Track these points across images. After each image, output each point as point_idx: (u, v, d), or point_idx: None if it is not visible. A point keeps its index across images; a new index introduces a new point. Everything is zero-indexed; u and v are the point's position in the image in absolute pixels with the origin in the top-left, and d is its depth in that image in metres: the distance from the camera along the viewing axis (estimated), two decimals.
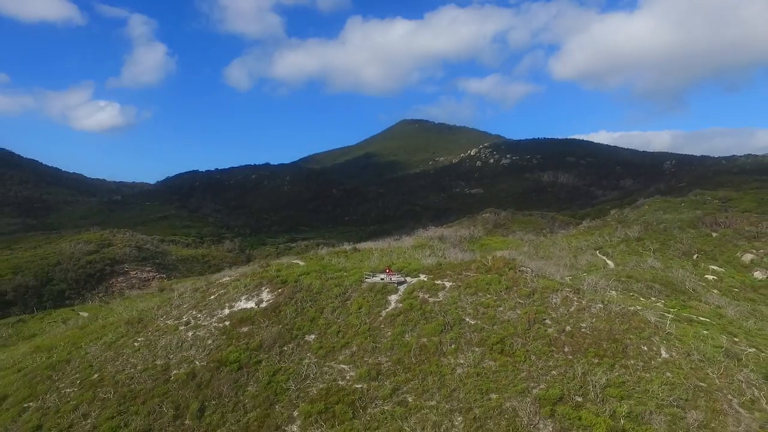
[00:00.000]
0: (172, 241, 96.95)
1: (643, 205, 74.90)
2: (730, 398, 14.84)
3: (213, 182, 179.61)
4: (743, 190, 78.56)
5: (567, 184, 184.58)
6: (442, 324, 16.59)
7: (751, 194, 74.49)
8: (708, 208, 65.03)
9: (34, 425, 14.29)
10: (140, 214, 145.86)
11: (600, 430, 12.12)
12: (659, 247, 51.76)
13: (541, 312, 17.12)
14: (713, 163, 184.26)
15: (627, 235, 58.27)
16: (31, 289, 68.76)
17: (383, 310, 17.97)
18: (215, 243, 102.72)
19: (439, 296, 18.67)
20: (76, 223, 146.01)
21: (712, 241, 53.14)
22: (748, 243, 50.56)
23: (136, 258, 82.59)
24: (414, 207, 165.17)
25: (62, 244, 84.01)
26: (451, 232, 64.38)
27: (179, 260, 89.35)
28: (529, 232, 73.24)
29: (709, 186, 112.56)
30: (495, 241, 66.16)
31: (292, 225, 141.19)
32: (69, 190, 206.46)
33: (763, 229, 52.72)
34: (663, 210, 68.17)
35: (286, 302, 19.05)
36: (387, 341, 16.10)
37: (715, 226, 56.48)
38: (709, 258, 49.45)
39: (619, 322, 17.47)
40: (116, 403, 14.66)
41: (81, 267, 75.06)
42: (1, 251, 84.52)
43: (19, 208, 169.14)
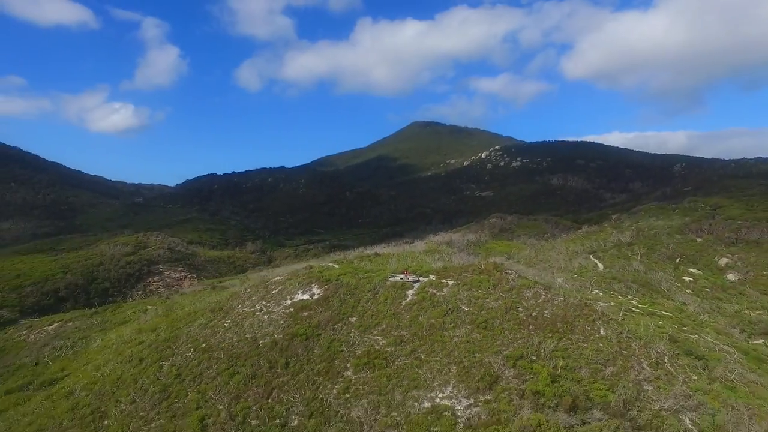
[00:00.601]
0: (199, 243, 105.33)
1: (639, 212, 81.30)
2: (642, 360, 21.98)
3: (231, 185, 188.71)
4: (736, 197, 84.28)
5: (576, 187, 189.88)
6: (444, 310, 24.00)
7: (743, 201, 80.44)
8: (697, 216, 71.21)
9: (175, 374, 22.00)
10: (163, 217, 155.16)
11: (543, 374, 19.39)
12: (646, 252, 58.62)
13: (516, 302, 24.46)
14: (722, 166, 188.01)
15: (620, 240, 65.20)
16: (80, 287, 77.36)
17: (403, 301, 25.43)
18: (238, 245, 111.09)
19: (443, 291, 26.07)
20: (103, 224, 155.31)
21: (695, 246, 59.70)
22: (726, 248, 57.14)
23: (169, 259, 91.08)
24: (425, 209, 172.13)
25: (101, 246, 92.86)
26: (459, 236, 71.63)
27: (207, 261, 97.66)
28: (532, 237, 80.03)
29: (714, 190, 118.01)
30: (500, 245, 73.17)
31: (308, 227, 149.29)
32: (91, 192, 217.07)
33: (741, 236, 59.14)
34: (656, 216, 74.54)
35: (332, 295, 26.62)
36: (406, 321, 23.55)
37: (699, 233, 62.97)
38: (690, 261, 56.16)
39: (572, 310, 24.67)
40: (226, 360, 22.31)
41: (121, 267, 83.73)
42: (46, 252, 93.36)
43: (47, 210, 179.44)
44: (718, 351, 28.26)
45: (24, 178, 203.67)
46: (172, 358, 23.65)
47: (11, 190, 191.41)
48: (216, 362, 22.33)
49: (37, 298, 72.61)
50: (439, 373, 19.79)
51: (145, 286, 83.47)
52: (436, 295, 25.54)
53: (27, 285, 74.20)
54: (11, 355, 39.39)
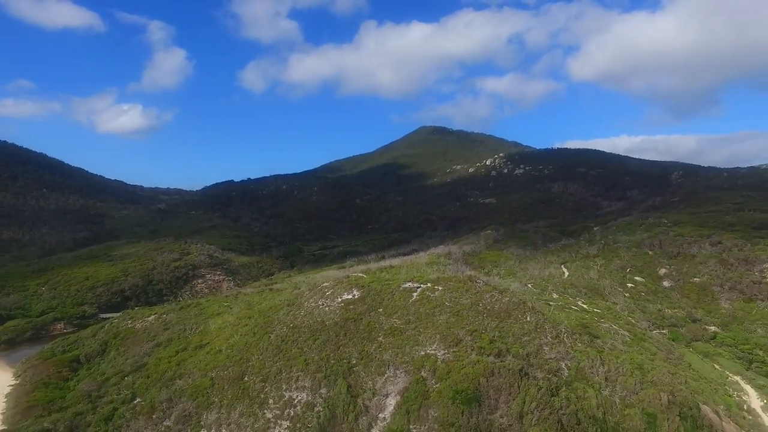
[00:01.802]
0: (230, 250, 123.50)
1: (612, 227, 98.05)
2: (547, 334, 39.44)
3: (248, 192, 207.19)
4: (701, 212, 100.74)
5: (575, 194, 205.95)
6: (435, 305, 41.68)
7: (702, 216, 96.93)
8: (656, 232, 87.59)
9: (280, 340, 39.84)
10: (188, 223, 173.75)
11: (486, 339, 36.95)
12: (605, 263, 75.98)
13: (477, 300, 42.13)
14: (715, 175, 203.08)
15: (588, 252, 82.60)
16: (140, 288, 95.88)
17: (410, 299, 43.14)
18: (264, 251, 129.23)
19: (435, 293, 43.75)
20: (133, 230, 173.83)
21: (644, 259, 76.70)
22: (668, 260, 74.15)
23: (209, 264, 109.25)
24: (431, 216, 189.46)
25: (150, 252, 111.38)
26: (457, 248, 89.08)
27: (240, 266, 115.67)
28: (521, 247, 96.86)
29: (697, 201, 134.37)
30: (491, 255, 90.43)
31: (322, 233, 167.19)
32: (113, 197, 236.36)
33: (682, 250, 76.02)
34: (623, 232, 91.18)
35: (366, 295, 44.38)
36: (412, 311, 41.28)
37: (651, 247, 79.87)
38: (638, 271, 73.27)
39: (512, 306, 42.21)
40: (309, 333, 40.13)
41: (171, 271, 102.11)
42: (101, 258, 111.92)
43: (77, 215, 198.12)
44: (612, 333, 45.81)
45: (54, 183, 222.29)
46: (274, 332, 41.52)
47: (44, 196, 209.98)
48: (302, 334, 40.17)
49: (108, 297, 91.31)
50: (429, 338, 37.50)
51: (191, 287, 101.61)
52: (430, 296, 43.27)
53: (99, 286, 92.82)
54: (132, 337, 57.48)
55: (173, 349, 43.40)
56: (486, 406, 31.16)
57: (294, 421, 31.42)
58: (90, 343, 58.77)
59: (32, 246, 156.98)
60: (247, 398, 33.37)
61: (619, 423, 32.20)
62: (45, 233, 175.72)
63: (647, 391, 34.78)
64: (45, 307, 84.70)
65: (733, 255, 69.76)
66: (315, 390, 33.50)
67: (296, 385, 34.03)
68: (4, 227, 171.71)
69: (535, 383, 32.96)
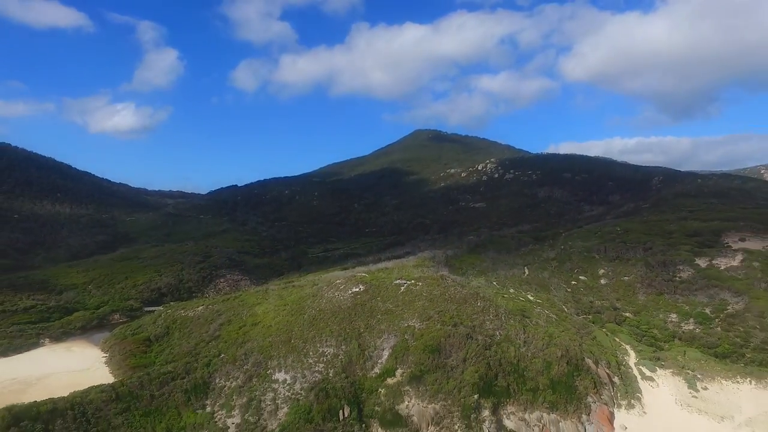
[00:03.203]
0: (244, 252, 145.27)
1: (573, 234, 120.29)
2: (490, 314, 61.63)
3: (252, 197, 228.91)
4: (647, 221, 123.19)
5: (559, 199, 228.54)
6: (416, 295, 64.03)
7: (650, 224, 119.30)
8: (606, 238, 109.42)
9: (312, 318, 62.04)
10: (199, 227, 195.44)
11: (447, 316, 59.17)
12: (558, 265, 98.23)
13: (444, 291, 64.56)
14: (691, 181, 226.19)
15: (548, 256, 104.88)
16: (173, 285, 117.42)
17: (399, 291, 65.47)
18: (273, 253, 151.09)
19: (417, 287, 66.08)
20: (148, 233, 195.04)
21: (591, 261, 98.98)
22: (608, 263, 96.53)
23: (229, 265, 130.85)
24: (424, 220, 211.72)
25: (175, 255, 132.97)
26: (441, 252, 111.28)
27: (255, 267, 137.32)
28: (497, 251, 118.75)
29: (663, 207, 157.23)
30: (471, 258, 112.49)
31: (324, 237, 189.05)
32: (122, 200, 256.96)
33: (620, 254, 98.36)
34: (581, 239, 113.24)
35: (368, 288, 66.62)
36: (400, 299, 63.63)
37: (598, 252, 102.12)
38: (583, 271, 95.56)
39: (468, 295, 64.43)
40: (330, 313, 62.35)
41: (198, 271, 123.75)
42: (132, 259, 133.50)
43: (92, 219, 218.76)
44: (542, 315, 68.20)
45: (66, 188, 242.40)
46: (306, 313, 63.65)
47: (59, 201, 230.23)
48: (326, 314, 62.27)
49: (148, 294, 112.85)
50: (410, 315, 59.77)
51: (215, 285, 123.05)
52: (413, 289, 65.52)
53: (139, 284, 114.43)
54: (188, 322, 79.24)
55: (236, 326, 65.39)
56: (443, 355, 53.40)
57: (326, 363, 53.54)
58: (153, 327, 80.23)
59: (57, 249, 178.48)
60: (295, 352, 55.45)
61: (527, 366, 54.50)
62: (65, 237, 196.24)
63: (550, 349, 57.13)
64: (99, 301, 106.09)
65: (656, 258, 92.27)
66: (338, 347, 55.67)
67: (326, 343, 56.16)
68: (26, 231, 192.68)
69: (476, 342, 55.26)
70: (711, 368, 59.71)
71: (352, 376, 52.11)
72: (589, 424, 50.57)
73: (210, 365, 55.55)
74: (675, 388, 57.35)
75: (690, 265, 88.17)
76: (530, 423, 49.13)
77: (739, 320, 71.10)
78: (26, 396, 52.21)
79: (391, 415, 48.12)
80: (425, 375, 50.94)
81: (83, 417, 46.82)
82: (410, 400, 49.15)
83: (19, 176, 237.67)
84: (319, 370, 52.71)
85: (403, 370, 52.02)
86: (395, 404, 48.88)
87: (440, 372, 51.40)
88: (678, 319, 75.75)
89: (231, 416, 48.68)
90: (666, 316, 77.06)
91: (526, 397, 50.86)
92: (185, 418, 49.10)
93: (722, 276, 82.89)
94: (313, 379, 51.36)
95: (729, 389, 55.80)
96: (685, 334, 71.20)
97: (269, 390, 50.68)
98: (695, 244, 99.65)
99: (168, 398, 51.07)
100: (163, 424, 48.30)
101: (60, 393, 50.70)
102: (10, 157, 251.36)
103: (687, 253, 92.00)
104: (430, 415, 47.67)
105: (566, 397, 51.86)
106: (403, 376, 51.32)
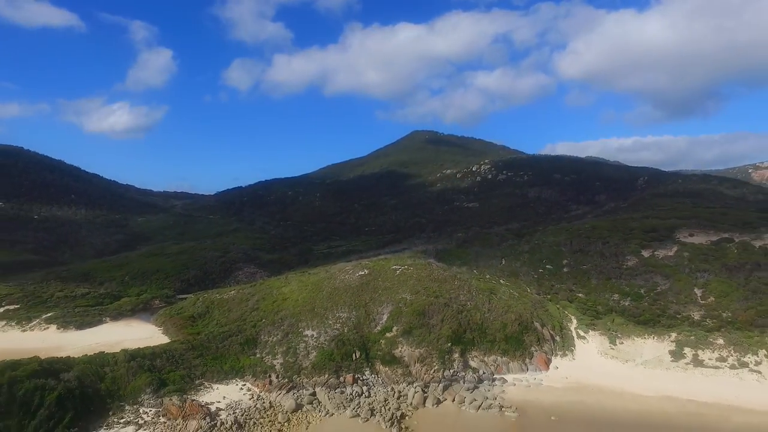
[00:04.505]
0: (257, 249, 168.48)
1: (548, 230, 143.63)
2: (465, 291, 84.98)
3: (257, 198, 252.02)
4: (615, 220, 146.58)
5: (548, 199, 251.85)
6: (408, 276, 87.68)
7: (617, 222, 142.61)
8: (573, 234, 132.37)
9: (329, 292, 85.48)
10: (210, 227, 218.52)
11: (432, 290, 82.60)
12: (529, 257, 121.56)
13: (430, 273, 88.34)
14: (672, 181, 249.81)
15: (522, 249, 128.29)
16: (199, 277, 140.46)
17: (395, 273, 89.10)
18: (282, 250, 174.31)
19: (409, 271, 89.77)
20: (163, 233, 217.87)
21: (558, 253, 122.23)
22: (571, 255, 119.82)
23: (245, 259, 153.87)
24: (421, 220, 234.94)
25: (196, 251, 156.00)
26: (432, 247, 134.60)
27: (268, 261, 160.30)
28: (481, 246, 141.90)
29: (640, 207, 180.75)
30: (458, 252, 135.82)
31: (327, 235, 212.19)
32: (131, 201, 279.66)
33: (582, 248, 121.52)
34: (552, 235, 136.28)
35: (371, 272, 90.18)
36: (396, 279, 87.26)
37: (564, 246, 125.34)
38: (550, 262, 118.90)
39: (448, 276, 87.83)
40: (342, 290, 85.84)
41: (219, 265, 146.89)
42: (159, 255, 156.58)
43: (106, 220, 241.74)
44: (506, 293, 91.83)
45: (80, 190, 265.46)
46: (324, 291, 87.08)
47: (74, 202, 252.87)
48: (339, 290, 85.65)
49: (179, 284, 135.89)
50: (403, 290, 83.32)
51: (234, 277, 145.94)
52: (406, 272, 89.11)
53: (170, 276, 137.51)
54: (224, 303, 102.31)
55: (269, 301, 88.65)
56: (427, 317, 76.83)
57: (341, 324, 76.83)
58: (194, 308, 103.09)
59: (81, 247, 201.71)
60: (318, 317, 78.74)
61: (488, 326, 77.94)
62: (85, 236, 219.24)
63: (507, 315, 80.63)
64: (138, 290, 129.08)
65: (610, 250, 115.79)
66: (350, 312, 79.05)
67: (341, 311, 79.51)
68: (48, 231, 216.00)
69: (451, 309, 78.72)
70: (630, 330, 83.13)
71: (361, 332, 75.56)
72: (530, 365, 74.03)
73: (255, 326, 78.87)
74: (600, 343, 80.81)
75: (636, 256, 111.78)
76: (488, 363, 72.62)
77: (662, 297, 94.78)
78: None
79: (389, 356, 71.53)
80: (413, 330, 74.40)
81: (173, 358, 69.99)
82: (402, 347, 72.61)
83: (35, 178, 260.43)
84: (337, 328, 76.06)
85: (397, 328, 75.42)
86: (392, 349, 72.31)
87: (424, 329, 74.85)
88: (618, 297, 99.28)
89: (275, 359, 71.95)
90: (610, 296, 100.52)
91: (486, 346, 74.39)
92: (242, 361, 72.27)
93: (658, 264, 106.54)
94: (333, 333, 74.73)
95: (637, 343, 79.27)
96: (620, 308, 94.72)
97: (301, 341, 74.03)
98: (649, 238, 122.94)
99: (228, 348, 74.33)
100: (228, 365, 71.41)
101: None
102: (25, 160, 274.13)
103: (635, 246, 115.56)
104: (417, 356, 71.10)
105: (515, 347, 75.40)
106: (397, 331, 74.75)
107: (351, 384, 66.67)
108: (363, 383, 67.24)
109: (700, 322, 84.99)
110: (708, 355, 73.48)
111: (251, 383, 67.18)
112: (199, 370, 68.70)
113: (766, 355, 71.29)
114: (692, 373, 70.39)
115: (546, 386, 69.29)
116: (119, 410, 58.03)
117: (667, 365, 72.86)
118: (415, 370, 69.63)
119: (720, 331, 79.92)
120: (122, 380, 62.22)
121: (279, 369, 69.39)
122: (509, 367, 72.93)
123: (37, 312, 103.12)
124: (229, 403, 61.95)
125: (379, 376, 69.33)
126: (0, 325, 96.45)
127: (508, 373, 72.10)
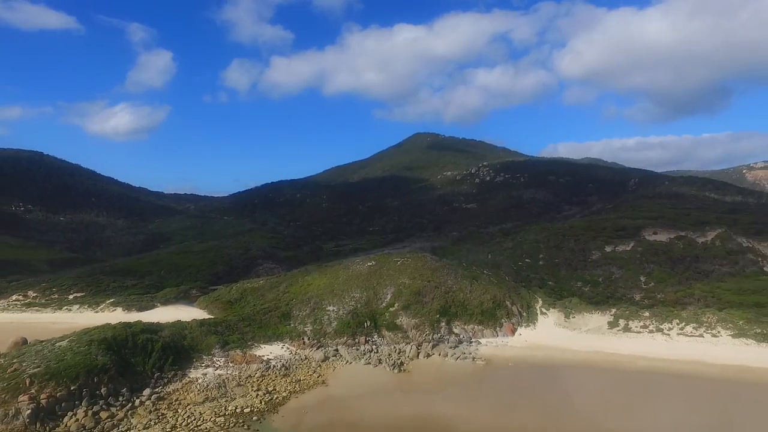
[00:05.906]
0: (273, 247, 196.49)
1: (529, 230, 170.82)
2: (451, 276, 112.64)
3: (267, 200, 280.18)
4: (591, 220, 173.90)
5: (542, 200, 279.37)
6: (407, 266, 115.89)
7: (593, 222, 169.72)
8: (551, 233, 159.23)
9: (345, 278, 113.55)
10: (226, 228, 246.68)
11: (424, 277, 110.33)
12: (512, 252, 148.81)
13: (424, 264, 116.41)
14: (660, 183, 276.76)
15: (506, 246, 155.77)
16: (226, 271, 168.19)
17: (397, 264, 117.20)
18: (296, 248, 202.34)
19: (408, 262, 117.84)
20: (182, 234, 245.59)
21: (536, 249, 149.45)
22: (546, 250, 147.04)
23: (264, 257, 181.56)
24: (422, 220, 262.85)
25: (220, 249, 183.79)
26: (429, 244, 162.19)
27: (284, 258, 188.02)
28: (473, 243, 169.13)
29: (622, 208, 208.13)
30: (451, 248, 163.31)
31: (334, 235, 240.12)
32: (147, 203, 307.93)
33: (557, 244, 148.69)
34: (534, 233, 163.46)
35: (377, 263, 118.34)
36: (397, 268, 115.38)
37: (543, 243, 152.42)
38: (528, 256, 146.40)
39: (439, 266, 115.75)
40: (355, 277, 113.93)
41: (242, 261, 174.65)
42: (185, 253, 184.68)
43: (127, 220, 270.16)
44: (486, 279, 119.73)
45: (99, 193, 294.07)
46: (341, 278, 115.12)
47: (95, 205, 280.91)
48: (353, 277, 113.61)
49: (209, 278, 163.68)
50: (403, 276, 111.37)
51: (256, 272, 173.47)
52: (405, 263, 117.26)
53: (201, 270, 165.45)
54: (256, 290, 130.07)
55: (297, 287, 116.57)
56: (421, 296, 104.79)
57: (355, 301, 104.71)
58: (229, 295, 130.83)
59: (110, 246, 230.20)
60: (337, 296, 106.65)
61: (469, 304, 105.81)
62: (111, 237, 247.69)
63: (484, 296, 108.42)
64: (175, 282, 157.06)
65: (579, 246, 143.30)
66: (361, 293, 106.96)
67: (354, 291, 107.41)
68: (76, 232, 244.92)
69: (440, 290, 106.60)
70: (582, 308, 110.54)
71: (370, 307, 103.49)
72: (500, 332, 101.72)
73: (288, 304, 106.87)
74: (557, 317, 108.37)
75: (600, 251, 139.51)
76: (467, 330, 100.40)
77: (614, 283, 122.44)
78: None
79: (392, 324, 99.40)
80: (411, 306, 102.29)
81: (229, 326, 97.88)
82: (402, 318, 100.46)
83: (57, 183, 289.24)
84: (352, 304, 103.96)
85: (398, 304, 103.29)
86: (394, 320, 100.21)
87: (419, 304, 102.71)
88: (581, 284, 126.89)
89: (306, 327, 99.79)
90: (574, 283, 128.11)
91: (466, 318, 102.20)
92: (281, 329, 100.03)
93: (616, 257, 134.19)
94: (349, 308, 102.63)
95: (586, 317, 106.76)
96: (580, 292, 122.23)
97: (325, 314, 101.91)
98: (616, 236, 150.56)
99: (269, 320, 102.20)
100: (270, 331, 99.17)
101: None
102: (47, 165, 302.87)
103: (601, 242, 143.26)
104: (413, 324, 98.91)
105: (489, 319, 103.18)
106: (398, 306, 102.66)
107: (363, 344, 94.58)
108: (372, 343, 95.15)
109: (638, 302, 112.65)
110: (635, 324, 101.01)
111: (289, 344, 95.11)
112: (249, 335, 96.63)
113: (677, 324, 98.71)
114: (620, 337, 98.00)
115: (510, 346, 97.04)
116: (199, 359, 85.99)
117: (604, 332, 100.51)
118: (412, 334, 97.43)
119: (652, 309, 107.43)
120: (198, 339, 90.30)
121: (309, 333, 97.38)
122: (483, 333, 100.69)
123: (101, 298, 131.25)
124: (275, 356, 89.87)
125: (385, 338, 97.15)
126: (76, 308, 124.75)
127: (482, 337, 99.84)
